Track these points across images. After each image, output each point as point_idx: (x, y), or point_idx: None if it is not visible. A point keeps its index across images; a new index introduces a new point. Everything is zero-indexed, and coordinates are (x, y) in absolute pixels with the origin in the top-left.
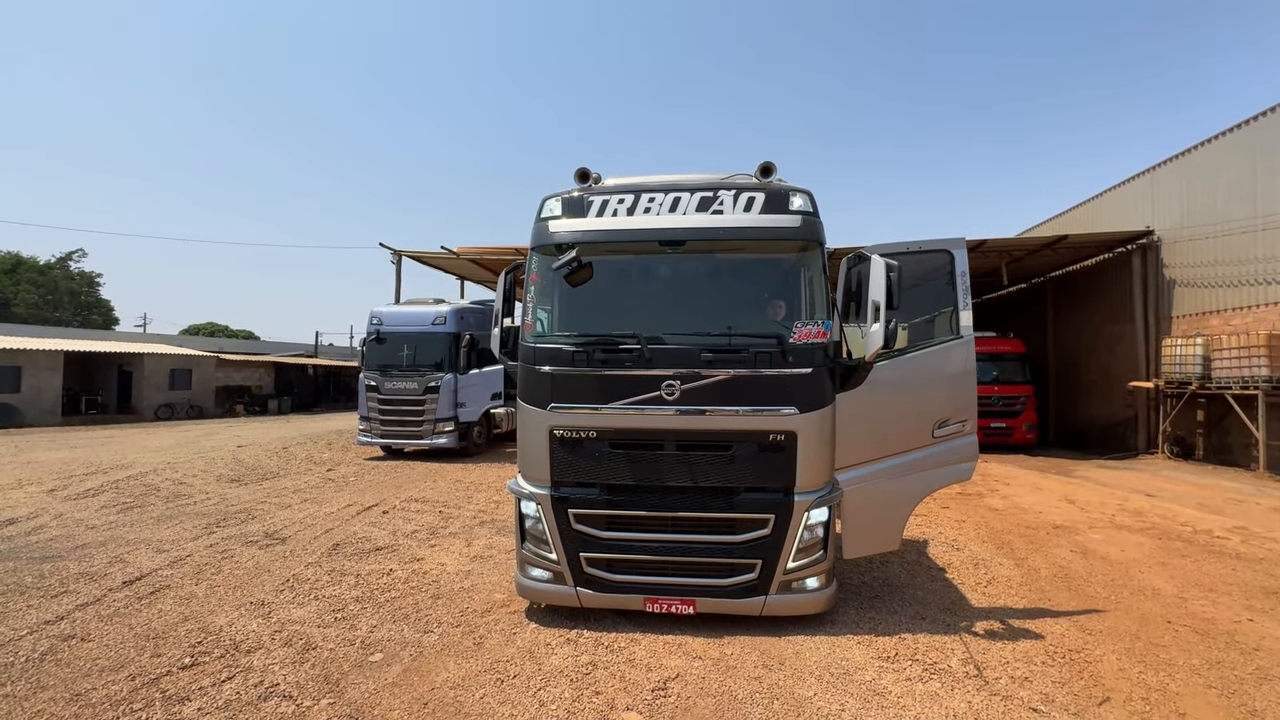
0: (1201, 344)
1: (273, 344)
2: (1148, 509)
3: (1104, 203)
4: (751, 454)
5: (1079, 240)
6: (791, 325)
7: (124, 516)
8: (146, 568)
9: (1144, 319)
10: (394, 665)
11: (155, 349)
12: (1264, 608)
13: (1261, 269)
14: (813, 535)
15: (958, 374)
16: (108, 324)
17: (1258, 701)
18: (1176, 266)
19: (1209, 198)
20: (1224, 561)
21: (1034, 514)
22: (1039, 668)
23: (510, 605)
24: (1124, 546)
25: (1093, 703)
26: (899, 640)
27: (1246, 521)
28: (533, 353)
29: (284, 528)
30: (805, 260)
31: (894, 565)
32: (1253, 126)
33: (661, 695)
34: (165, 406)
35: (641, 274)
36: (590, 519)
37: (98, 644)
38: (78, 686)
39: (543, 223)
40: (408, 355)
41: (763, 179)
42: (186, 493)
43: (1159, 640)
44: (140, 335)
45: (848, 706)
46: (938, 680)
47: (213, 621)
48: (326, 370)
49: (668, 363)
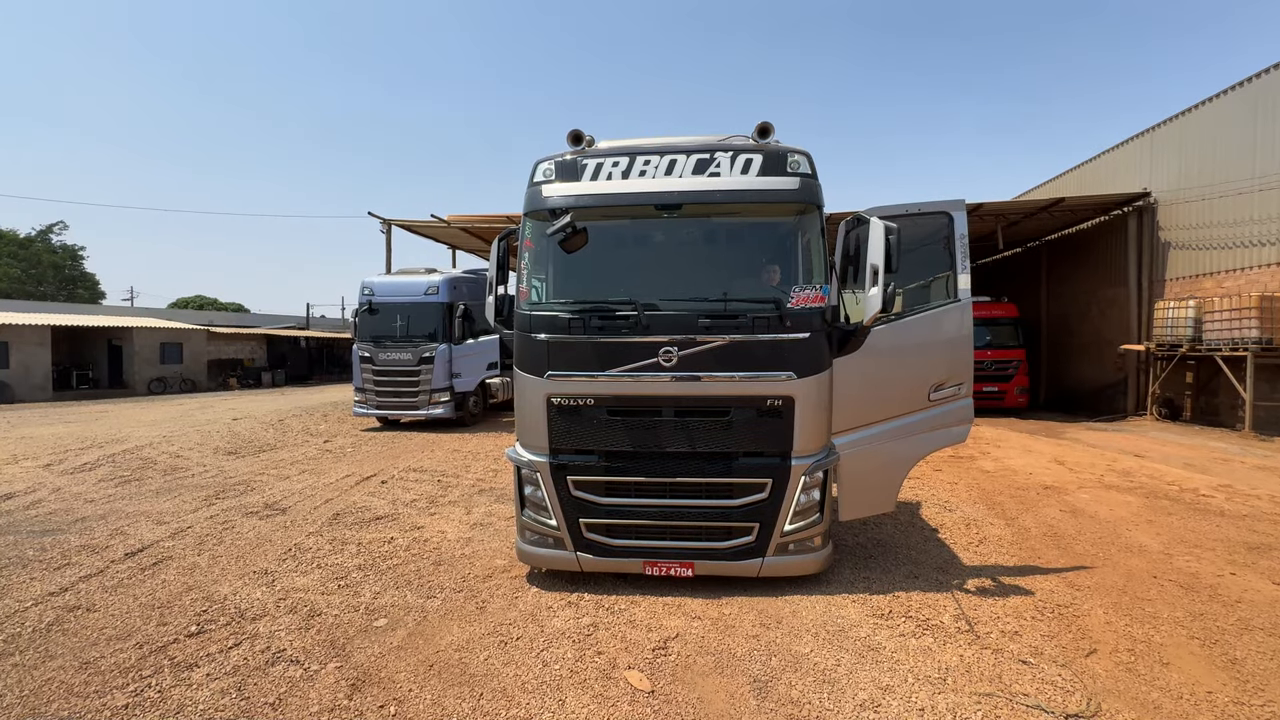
0: (1194, 306)
1: (263, 316)
2: (1136, 469)
3: (1101, 164)
4: (749, 419)
5: (1076, 203)
6: (789, 290)
7: (122, 490)
8: (148, 539)
9: (1138, 282)
10: (398, 630)
11: (145, 323)
12: (1246, 562)
13: (1257, 230)
14: (809, 498)
15: (954, 338)
16: (94, 298)
17: (1238, 651)
18: (1172, 229)
19: (1208, 158)
20: (1208, 519)
21: (1024, 475)
22: (1028, 622)
23: (511, 570)
24: (1112, 505)
25: (1080, 654)
26: (893, 598)
27: (1231, 480)
28: (528, 320)
29: (283, 498)
30: (803, 223)
31: (888, 526)
32: (1255, 84)
33: (662, 654)
34: (158, 380)
35: (637, 239)
36: (589, 485)
37: (103, 614)
38: (86, 655)
39: (535, 187)
40: (401, 326)
41: (760, 140)
42: (184, 465)
43: (1145, 595)
44: (128, 309)
45: (843, 661)
46: (930, 636)
47: (217, 590)
48: (319, 342)
49: (665, 329)
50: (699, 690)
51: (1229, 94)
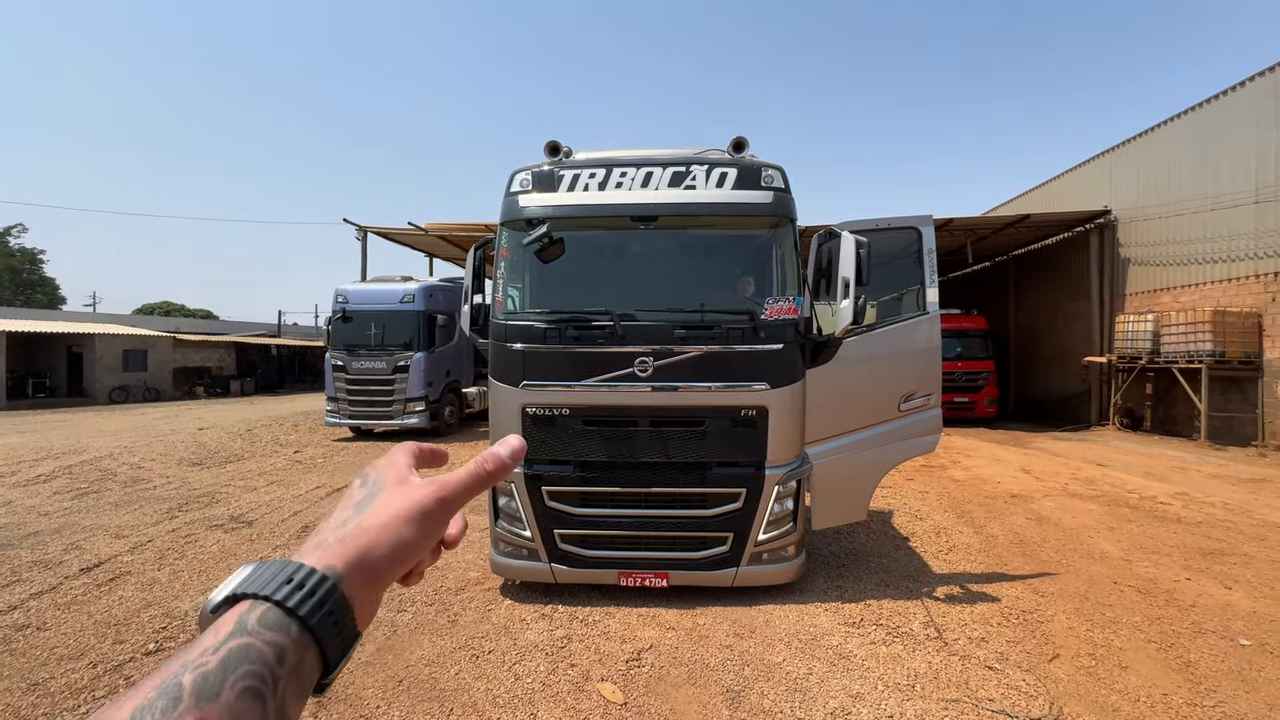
0: (1152, 320)
1: (233, 324)
2: (1098, 478)
3: (1065, 182)
4: (724, 429)
5: (1041, 219)
6: (763, 301)
7: (79, 503)
8: (105, 554)
9: (1100, 296)
10: (367, 644)
11: (107, 329)
12: (1200, 567)
13: (1209, 248)
14: (783, 508)
15: (924, 349)
16: (53, 303)
17: (1192, 654)
18: (1131, 245)
19: (1163, 179)
20: (1166, 526)
21: (993, 484)
22: (995, 628)
23: (485, 583)
24: (1075, 513)
25: (1044, 659)
26: (864, 606)
27: (1188, 488)
28: (504, 330)
29: (250, 511)
30: (777, 236)
31: (861, 535)
32: (1205, 110)
33: (636, 665)
34: (120, 389)
35: (614, 250)
36: (564, 496)
37: (55, 633)
38: (35, 676)
39: (512, 197)
40: (376, 334)
41: (735, 154)
42: (145, 477)
43: (1105, 600)
44: (90, 315)
45: (815, 670)
46: (900, 643)
47: (177, 606)
48: (291, 350)
49: (640, 339)
50: (671, 701)
51: (1182, 118)
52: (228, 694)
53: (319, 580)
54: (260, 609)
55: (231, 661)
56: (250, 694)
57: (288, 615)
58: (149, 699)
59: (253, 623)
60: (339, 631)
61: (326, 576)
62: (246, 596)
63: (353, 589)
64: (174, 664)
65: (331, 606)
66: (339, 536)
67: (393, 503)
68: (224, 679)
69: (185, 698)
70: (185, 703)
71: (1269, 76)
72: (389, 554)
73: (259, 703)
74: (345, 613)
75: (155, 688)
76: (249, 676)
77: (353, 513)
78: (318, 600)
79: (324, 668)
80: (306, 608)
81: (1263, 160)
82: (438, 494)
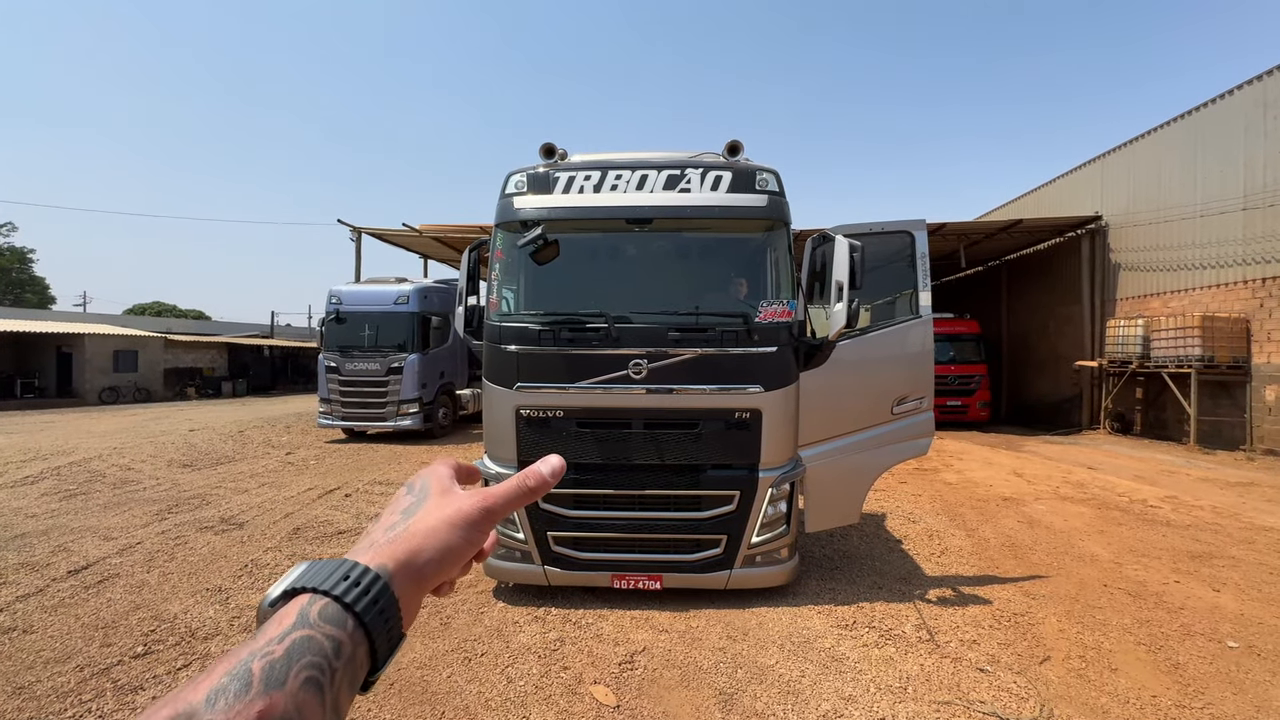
0: (1142, 325)
1: (225, 324)
2: (1089, 481)
3: (1057, 188)
4: (717, 432)
5: (1033, 224)
6: (757, 304)
7: (67, 504)
8: (93, 556)
9: (1091, 301)
10: None
11: (97, 329)
12: (1189, 570)
13: (1199, 254)
14: (776, 510)
15: (917, 353)
16: (43, 303)
17: (1180, 656)
18: (1122, 251)
19: (1154, 185)
20: (1155, 529)
21: (985, 487)
22: (986, 631)
23: (477, 585)
24: (1066, 516)
25: (1034, 662)
26: (857, 609)
27: (1177, 491)
28: (498, 332)
29: (241, 512)
30: (771, 240)
31: (854, 538)
32: (1194, 117)
33: (629, 668)
34: (110, 390)
35: (608, 252)
36: (557, 498)
37: (41, 636)
38: (20, 680)
39: (507, 199)
40: (369, 335)
41: (730, 158)
42: (135, 479)
43: (1095, 602)
44: (80, 315)
45: (807, 672)
46: (893, 645)
47: (166, 609)
48: (284, 351)
49: (635, 341)
50: (664, 704)
51: (1173, 125)
52: (292, 682)
53: (373, 578)
54: (320, 603)
55: (295, 651)
56: (311, 684)
57: (345, 610)
58: (222, 683)
59: (314, 615)
60: (388, 629)
61: (379, 575)
62: (306, 590)
63: (401, 589)
64: (242, 651)
65: (384, 604)
66: (389, 538)
67: (440, 509)
68: (289, 668)
69: (255, 683)
70: (255, 688)
71: (1257, 85)
72: (435, 557)
73: (318, 693)
74: (394, 611)
75: (226, 671)
76: (310, 667)
77: (400, 517)
78: (372, 597)
79: (370, 664)
80: (363, 604)
81: (1251, 167)
82: (482, 504)
